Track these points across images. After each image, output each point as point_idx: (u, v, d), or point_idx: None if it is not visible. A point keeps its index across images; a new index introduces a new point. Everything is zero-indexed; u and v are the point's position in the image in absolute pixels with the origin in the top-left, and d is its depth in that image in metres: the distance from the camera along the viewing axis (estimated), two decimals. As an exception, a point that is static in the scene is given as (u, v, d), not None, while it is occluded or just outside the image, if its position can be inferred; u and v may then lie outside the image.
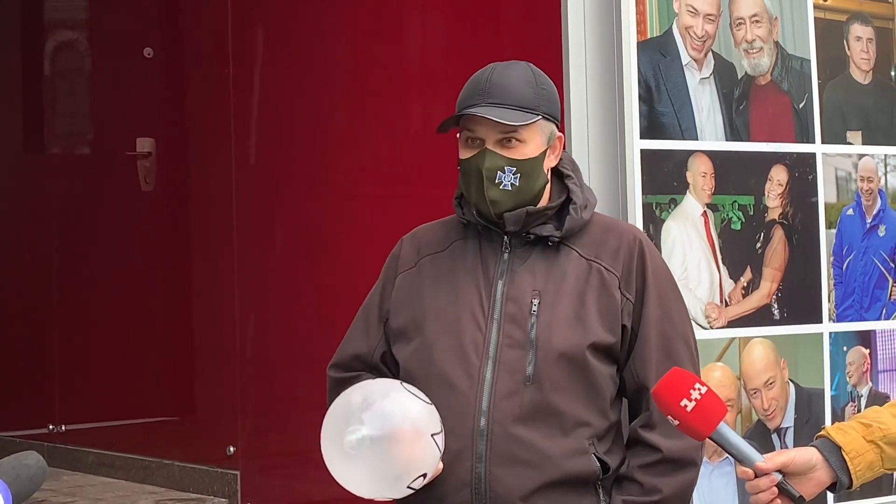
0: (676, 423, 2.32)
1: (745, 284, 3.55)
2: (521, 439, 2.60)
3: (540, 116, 2.67)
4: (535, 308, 2.65)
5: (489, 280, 2.69)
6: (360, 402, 2.50)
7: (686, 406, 2.30)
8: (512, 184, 2.65)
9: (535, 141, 2.67)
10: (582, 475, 2.64)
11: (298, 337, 5.07)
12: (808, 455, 2.35)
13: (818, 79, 3.68)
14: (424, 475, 2.51)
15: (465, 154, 2.69)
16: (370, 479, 2.50)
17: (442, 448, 2.53)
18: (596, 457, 2.65)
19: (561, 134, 2.76)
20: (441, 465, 2.59)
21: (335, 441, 2.48)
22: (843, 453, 2.35)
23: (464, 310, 2.68)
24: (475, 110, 2.64)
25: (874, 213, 3.79)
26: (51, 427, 6.36)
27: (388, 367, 2.78)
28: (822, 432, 2.40)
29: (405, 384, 2.57)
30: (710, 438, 2.33)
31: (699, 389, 2.31)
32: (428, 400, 2.55)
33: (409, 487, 2.51)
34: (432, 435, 2.51)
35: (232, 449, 5.27)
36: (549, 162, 2.73)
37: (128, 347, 6.13)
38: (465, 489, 2.61)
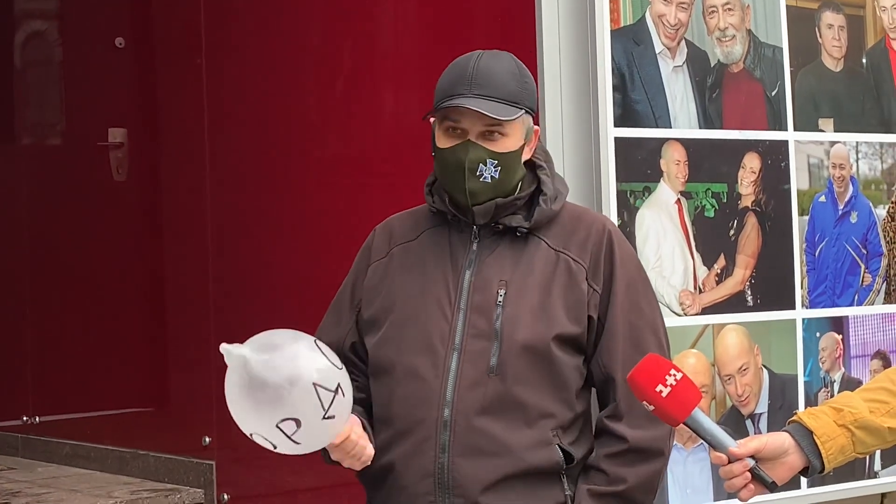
0: (651, 408, 2.32)
1: (719, 271, 3.56)
2: (484, 431, 2.60)
3: (524, 111, 2.66)
4: (500, 299, 2.65)
5: (457, 269, 2.68)
6: (264, 336, 2.46)
7: (661, 391, 2.31)
8: (492, 176, 2.63)
9: (516, 135, 2.66)
10: (545, 466, 2.63)
11: (273, 326, 5.05)
12: (781, 440, 2.36)
13: (790, 66, 3.70)
14: (298, 422, 2.39)
15: (445, 143, 2.66)
16: (239, 400, 2.44)
17: (328, 408, 2.40)
18: (560, 447, 2.64)
19: (537, 128, 2.75)
20: (342, 431, 2.49)
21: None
22: (815, 438, 2.36)
23: (431, 299, 2.67)
24: (462, 101, 2.61)
25: (846, 199, 3.81)
26: (25, 418, 6.32)
27: (359, 358, 2.77)
28: (795, 417, 2.41)
29: (319, 343, 2.50)
30: (684, 424, 2.34)
31: (674, 375, 2.31)
32: (339, 365, 2.46)
33: (278, 427, 2.40)
34: (315, 384, 2.40)
35: (207, 439, 5.25)
36: (525, 155, 2.72)
37: (101, 338, 6.10)
38: (427, 479, 2.61)
